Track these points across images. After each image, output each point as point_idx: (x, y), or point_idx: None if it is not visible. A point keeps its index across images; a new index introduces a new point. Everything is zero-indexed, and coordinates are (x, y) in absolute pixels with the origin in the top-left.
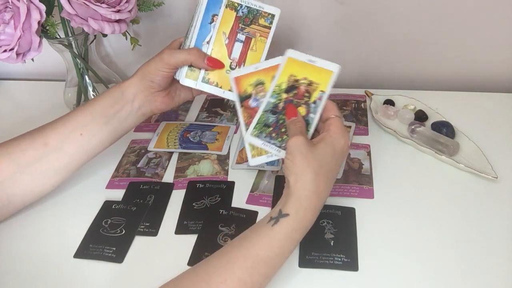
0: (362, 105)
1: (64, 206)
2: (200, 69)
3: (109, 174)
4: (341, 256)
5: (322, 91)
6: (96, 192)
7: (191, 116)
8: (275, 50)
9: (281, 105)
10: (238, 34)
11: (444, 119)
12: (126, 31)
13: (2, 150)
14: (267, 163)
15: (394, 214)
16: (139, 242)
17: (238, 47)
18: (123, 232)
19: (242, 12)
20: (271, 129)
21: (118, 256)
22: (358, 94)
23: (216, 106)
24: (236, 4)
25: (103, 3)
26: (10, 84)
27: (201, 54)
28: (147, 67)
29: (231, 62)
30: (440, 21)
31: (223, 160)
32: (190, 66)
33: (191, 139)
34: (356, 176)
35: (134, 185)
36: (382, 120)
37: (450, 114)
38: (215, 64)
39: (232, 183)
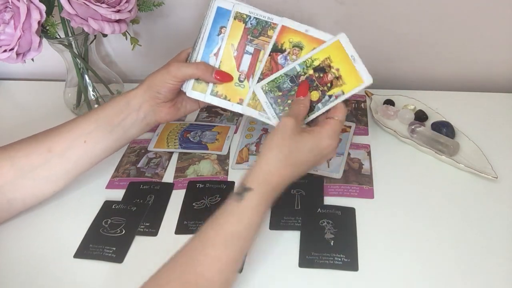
0: (362, 105)
1: (64, 206)
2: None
3: (109, 174)
4: (341, 256)
5: (343, 91)
6: (96, 192)
7: (191, 116)
8: None
9: (302, 78)
10: (247, 46)
11: (444, 119)
12: (126, 31)
13: (5, 153)
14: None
15: (394, 214)
16: (139, 242)
17: (247, 59)
18: (123, 232)
19: (251, 24)
20: (280, 93)
21: (118, 256)
22: (358, 94)
23: (216, 106)
24: (244, 16)
25: (103, 3)
26: (10, 84)
27: (209, 68)
28: (154, 79)
29: (239, 75)
30: (440, 21)
31: (223, 160)
32: (197, 79)
33: (191, 139)
34: (356, 176)
35: (134, 185)
36: (382, 120)
37: (450, 114)
38: (223, 77)
39: (232, 183)
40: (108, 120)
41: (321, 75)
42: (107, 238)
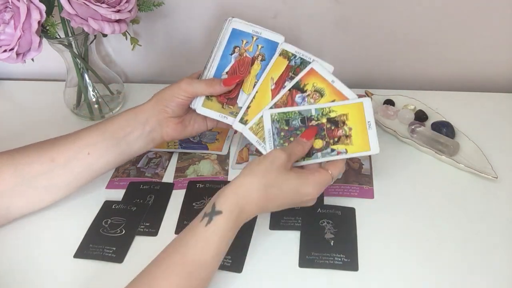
0: None
1: (64, 206)
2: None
3: (109, 174)
4: (341, 256)
5: (347, 150)
6: (96, 192)
7: None
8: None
9: (313, 123)
10: (286, 82)
11: (444, 119)
12: (126, 31)
13: (9, 159)
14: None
15: (394, 214)
16: (139, 242)
17: (282, 93)
18: (123, 232)
19: (295, 62)
20: (286, 128)
21: (118, 256)
22: (358, 94)
23: None
24: (290, 54)
25: (103, 3)
26: (10, 84)
27: (217, 80)
28: (164, 93)
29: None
30: (440, 21)
31: (223, 160)
32: (208, 96)
33: (191, 139)
34: (356, 176)
35: (134, 185)
36: (382, 120)
37: (450, 114)
38: (230, 82)
39: None
40: (113, 133)
41: (333, 127)
42: (107, 238)
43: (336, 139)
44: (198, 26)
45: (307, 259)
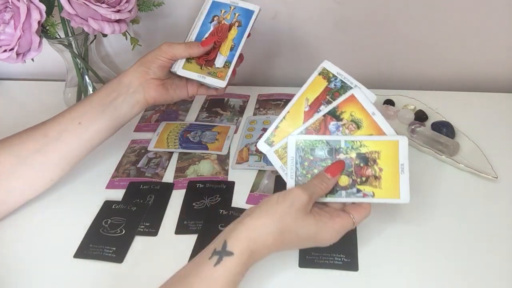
0: None
1: (64, 206)
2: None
3: (109, 174)
4: (341, 256)
5: (374, 194)
6: (96, 192)
7: (191, 116)
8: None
9: (341, 156)
10: (322, 106)
11: (444, 119)
12: (126, 31)
13: (2, 142)
14: (267, 163)
15: (394, 214)
16: (139, 242)
17: (315, 118)
18: (123, 232)
19: (335, 85)
20: (311, 158)
21: (118, 256)
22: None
23: (216, 106)
24: (331, 75)
25: (103, 3)
26: (10, 84)
27: (196, 42)
28: (146, 56)
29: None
30: (440, 21)
31: (223, 160)
32: (188, 59)
33: (191, 139)
34: None
35: (134, 185)
36: None
37: (450, 114)
38: (207, 42)
39: (232, 183)
40: (101, 100)
41: (362, 165)
42: (107, 238)
43: (364, 179)
44: None
45: (307, 259)
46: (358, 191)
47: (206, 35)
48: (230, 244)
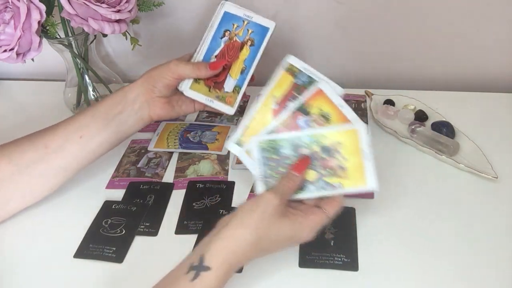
0: (362, 105)
1: (64, 206)
2: (206, 84)
3: (109, 174)
4: (341, 256)
5: (342, 185)
6: (96, 192)
7: (191, 116)
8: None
9: (305, 151)
10: (290, 102)
11: (444, 119)
12: (126, 31)
13: (2, 150)
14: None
15: (394, 214)
16: (139, 242)
17: (284, 115)
18: (123, 232)
19: (302, 81)
20: (276, 158)
21: (118, 256)
22: (358, 94)
23: None
24: (296, 70)
25: (103, 3)
26: (10, 84)
27: (204, 64)
28: (152, 72)
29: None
30: (440, 21)
31: (223, 160)
32: (196, 79)
33: (191, 139)
34: None
35: (134, 185)
36: (382, 120)
37: (450, 114)
38: (216, 65)
39: (232, 183)
40: (104, 113)
41: (326, 157)
42: (107, 238)
43: (330, 171)
44: (198, 26)
45: (307, 259)
46: (327, 184)
47: (217, 52)
48: (208, 259)
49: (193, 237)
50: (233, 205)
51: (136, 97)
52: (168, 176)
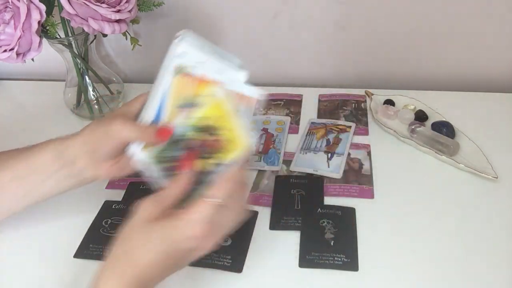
0: (362, 105)
1: (64, 206)
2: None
3: None
4: (341, 256)
5: (233, 157)
6: (96, 192)
7: None
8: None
9: (188, 143)
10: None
11: (444, 119)
12: (126, 31)
13: None
14: (267, 163)
15: (394, 214)
16: None
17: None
18: None
19: None
20: (166, 166)
21: None
22: (358, 94)
23: None
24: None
25: (103, 3)
26: (10, 84)
27: (152, 130)
28: (94, 133)
29: None
30: (440, 21)
31: None
32: None
33: None
34: (356, 176)
35: (134, 185)
36: (382, 120)
37: (450, 114)
38: (164, 134)
39: None
40: (43, 167)
41: (205, 138)
42: (107, 238)
43: (217, 149)
44: (198, 26)
45: (307, 259)
46: (219, 165)
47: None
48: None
49: None
50: None
51: (75, 159)
52: None
